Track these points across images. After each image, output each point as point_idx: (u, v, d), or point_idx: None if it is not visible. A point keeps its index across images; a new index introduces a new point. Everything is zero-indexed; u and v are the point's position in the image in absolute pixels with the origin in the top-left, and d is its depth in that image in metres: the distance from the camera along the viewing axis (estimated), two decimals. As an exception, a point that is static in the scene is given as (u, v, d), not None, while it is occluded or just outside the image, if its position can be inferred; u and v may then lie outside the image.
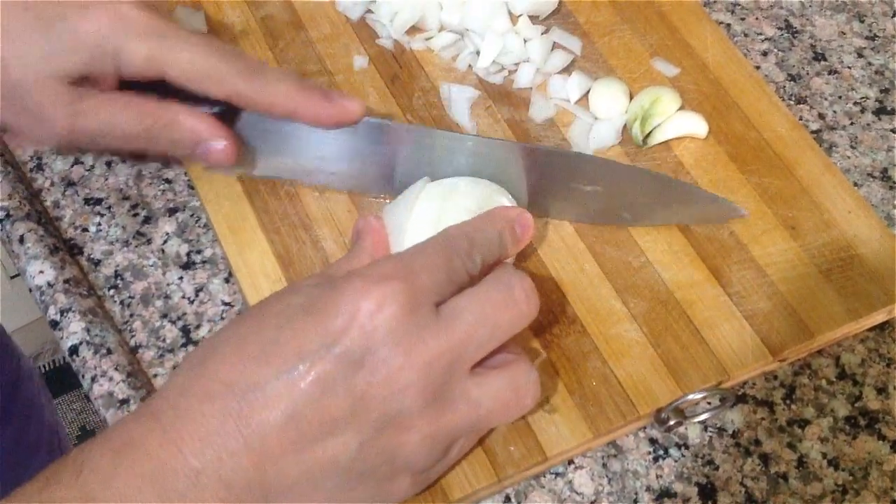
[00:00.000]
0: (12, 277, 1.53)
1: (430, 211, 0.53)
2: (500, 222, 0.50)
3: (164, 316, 0.56)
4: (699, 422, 0.53)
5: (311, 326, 0.43)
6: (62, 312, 0.54)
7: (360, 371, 0.42)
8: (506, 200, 0.55)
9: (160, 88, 0.53)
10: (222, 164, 0.55)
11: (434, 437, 0.45)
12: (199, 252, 0.58)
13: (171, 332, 0.55)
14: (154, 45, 0.51)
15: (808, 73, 0.67)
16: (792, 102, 0.66)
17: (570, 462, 0.52)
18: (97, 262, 0.58)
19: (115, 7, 0.51)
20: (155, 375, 0.54)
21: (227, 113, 0.55)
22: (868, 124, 0.65)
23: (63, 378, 1.72)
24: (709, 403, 0.54)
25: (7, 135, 0.59)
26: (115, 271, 0.57)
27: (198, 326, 0.56)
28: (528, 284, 0.47)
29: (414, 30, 0.65)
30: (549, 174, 0.56)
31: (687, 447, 0.53)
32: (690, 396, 0.52)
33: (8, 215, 0.57)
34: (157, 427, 0.42)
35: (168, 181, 0.60)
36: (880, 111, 0.65)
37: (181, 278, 0.57)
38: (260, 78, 0.52)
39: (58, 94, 0.51)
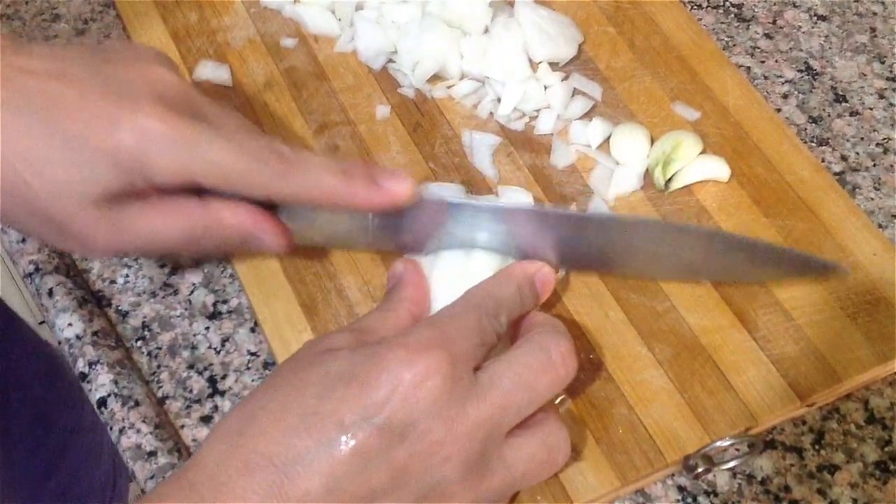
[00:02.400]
0: (40, 323, 1.55)
1: (454, 261, 0.53)
2: (520, 278, 0.50)
3: (191, 366, 0.56)
4: (728, 469, 0.53)
5: (352, 397, 0.42)
6: (90, 365, 0.55)
7: (402, 443, 0.42)
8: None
9: None
10: (276, 251, 0.54)
11: (472, 502, 0.45)
12: (224, 302, 0.59)
13: (197, 383, 0.56)
14: (181, 159, 0.47)
15: (829, 115, 0.67)
16: (814, 145, 0.66)
17: (598, 510, 0.52)
18: (125, 314, 0.58)
19: (138, 120, 0.47)
20: (182, 426, 0.54)
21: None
22: (891, 165, 0.65)
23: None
24: (737, 450, 0.53)
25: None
26: (143, 322, 0.58)
27: (224, 376, 0.56)
28: (564, 346, 0.47)
29: (435, 78, 0.66)
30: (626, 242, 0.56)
31: (716, 495, 0.53)
32: (718, 443, 0.52)
33: (37, 269, 0.58)
34: (196, 500, 0.41)
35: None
36: (903, 152, 0.66)
37: (208, 328, 0.58)
38: (296, 173, 0.49)
39: (95, 218, 0.48)
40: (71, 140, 0.46)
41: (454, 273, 0.53)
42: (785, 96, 0.68)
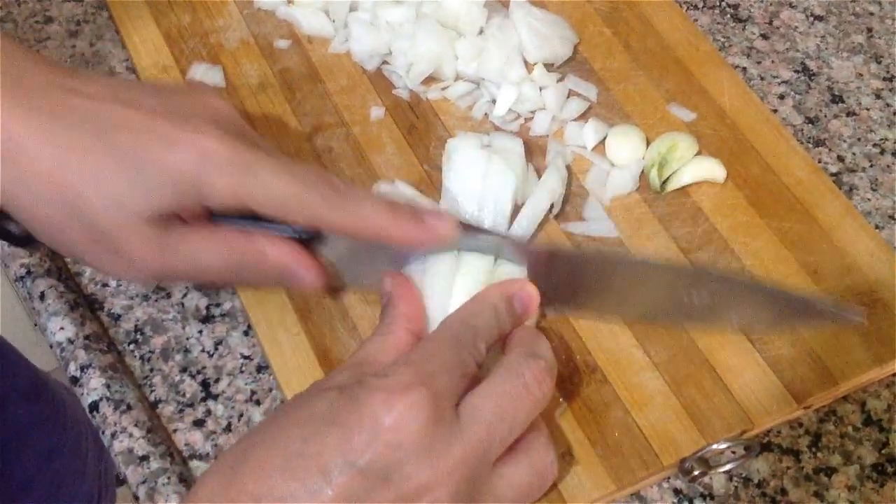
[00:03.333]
0: (35, 326, 1.54)
1: (444, 267, 0.53)
2: (496, 301, 0.50)
3: (184, 370, 0.56)
4: (724, 471, 0.53)
5: (333, 440, 0.42)
6: (82, 369, 0.54)
7: (386, 486, 0.42)
8: (513, 267, 0.54)
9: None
10: (311, 289, 0.54)
11: None
12: (217, 305, 0.58)
13: (190, 387, 0.55)
14: (237, 179, 0.48)
15: (825, 116, 0.67)
16: (810, 145, 0.66)
17: (594, 514, 0.52)
18: (117, 318, 0.58)
19: (198, 141, 0.47)
20: (175, 430, 0.54)
21: (314, 233, 0.52)
22: (888, 166, 0.65)
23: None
24: (733, 453, 0.53)
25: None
26: (135, 326, 0.58)
27: (217, 380, 0.56)
28: (536, 368, 0.47)
29: (430, 80, 0.66)
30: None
31: (712, 498, 0.52)
32: (714, 446, 0.51)
33: (28, 272, 0.58)
34: None
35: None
36: (900, 152, 0.65)
37: (200, 332, 0.57)
38: (345, 204, 0.50)
39: (147, 237, 0.48)
40: (130, 157, 0.47)
41: (446, 281, 0.52)
42: (781, 97, 0.68)
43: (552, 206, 0.59)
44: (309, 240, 0.52)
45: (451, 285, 0.51)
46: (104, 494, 1.01)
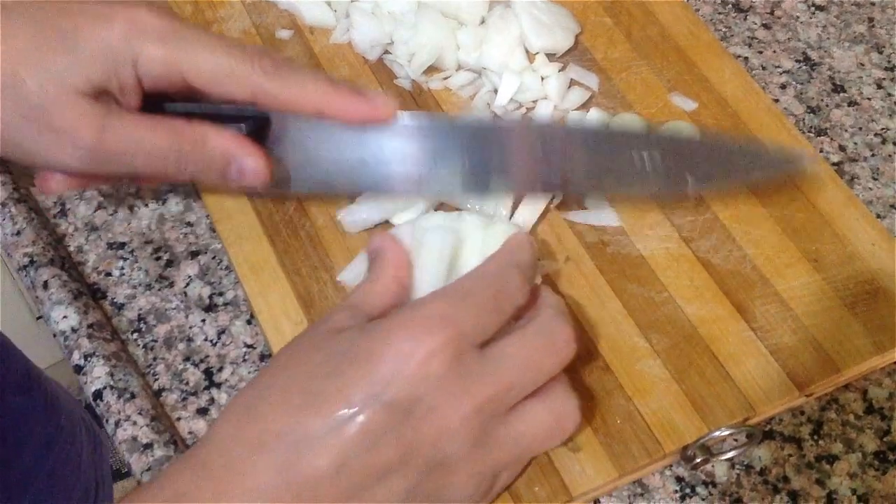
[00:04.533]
0: (38, 318, 1.54)
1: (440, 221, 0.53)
2: (529, 244, 0.50)
3: (187, 359, 0.56)
4: (726, 459, 0.53)
5: (357, 376, 0.42)
6: (86, 357, 0.55)
7: (409, 419, 0.42)
8: (506, 226, 0.54)
9: (188, 112, 0.52)
10: (256, 184, 0.53)
11: (481, 473, 0.45)
12: (221, 294, 0.58)
13: (193, 375, 0.56)
14: (171, 48, 0.50)
15: (827, 106, 0.67)
16: (812, 135, 0.66)
17: (596, 502, 0.52)
18: (120, 307, 0.58)
19: (130, 13, 0.49)
20: (178, 419, 0.54)
21: (257, 133, 0.53)
22: (889, 155, 0.65)
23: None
24: (735, 440, 0.53)
25: (35, 177, 0.57)
26: (139, 315, 0.58)
27: (220, 369, 0.56)
28: (567, 329, 0.47)
29: (432, 69, 0.66)
30: (604, 154, 0.55)
31: (714, 485, 0.53)
32: (717, 433, 0.52)
33: (32, 261, 0.58)
34: (208, 478, 0.41)
35: (190, 224, 0.61)
36: (901, 142, 0.65)
37: (204, 321, 0.57)
38: (286, 75, 0.51)
39: (83, 109, 0.49)
40: (63, 34, 0.49)
41: (438, 253, 0.52)
42: (783, 86, 0.68)
43: (553, 196, 0.59)
44: (253, 137, 0.52)
45: (443, 261, 0.51)
46: (101, 486, 1.01)
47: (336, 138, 0.54)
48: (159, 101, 0.52)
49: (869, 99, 0.68)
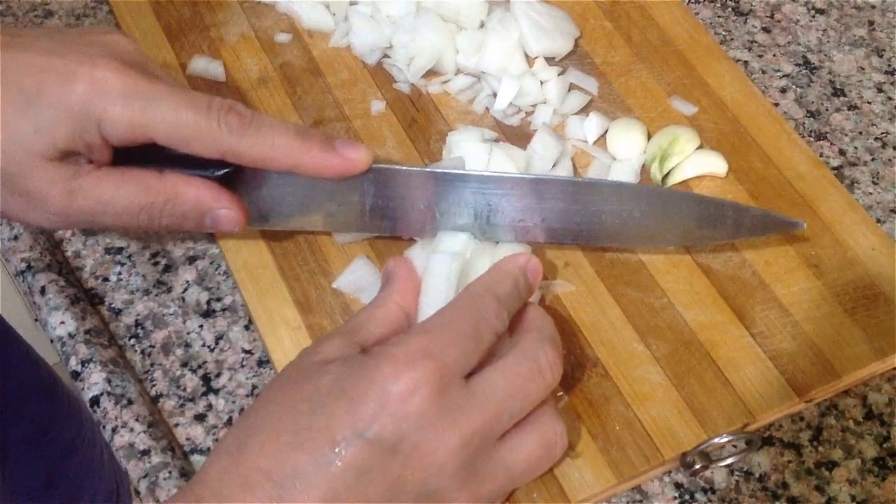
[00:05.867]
0: (36, 321, 1.54)
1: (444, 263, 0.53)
2: (514, 271, 0.50)
3: (185, 364, 0.56)
4: (725, 465, 0.53)
5: (342, 413, 0.43)
6: (83, 363, 0.54)
7: (395, 456, 0.42)
8: (514, 247, 0.54)
9: (160, 154, 0.51)
10: (233, 230, 0.53)
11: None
12: (218, 300, 0.58)
13: (191, 381, 0.55)
14: (136, 109, 0.48)
15: (827, 110, 0.67)
16: (812, 139, 0.65)
17: (595, 508, 0.52)
18: (118, 312, 0.58)
19: (93, 73, 0.48)
20: (176, 425, 0.54)
21: (231, 173, 0.52)
22: (890, 160, 0.64)
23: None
24: (734, 447, 0.53)
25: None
26: (136, 320, 0.58)
27: (218, 375, 0.56)
28: (551, 354, 0.47)
29: (431, 73, 0.66)
30: (578, 205, 0.55)
31: (713, 492, 0.52)
32: (716, 440, 0.51)
33: (29, 267, 0.58)
34: None
35: (188, 233, 0.60)
36: (902, 146, 0.65)
37: (201, 326, 0.57)
38: (253, 132, 0.49)
39: (50, 174, 0.49)
40: (27, 94, 0.48)
41: (446, 280, 0.52)
42: (783, 90, 0.68)
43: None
44: (225, 180, 0.51)
45: (450, 286, 0.51)
46: (121, 490, 1.02)
47: (307, 181, 0.53)
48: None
49: (869, 103, 0.67)
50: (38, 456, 0.90)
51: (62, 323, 0.56)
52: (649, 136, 0.62)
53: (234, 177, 0.52)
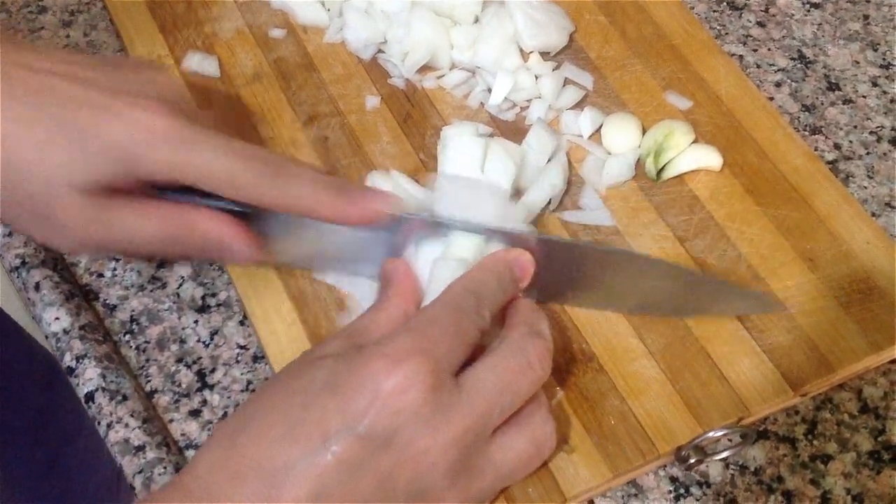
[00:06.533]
0: (32, 317, 1.54)
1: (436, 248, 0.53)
2: (499, 268, 0.50)
3: (180, 360, 0.56)
4: (720, 459, 0.53)
5: (333, 406, 0.43)
6: (78, 359, 0.54)
7: (386, 451, 0.42)
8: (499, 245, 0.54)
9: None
10: (246, 262, 0.54)
11: (465, 502, 0.45)
12: (213, 295, 0.58)
13: (186, 377, 0.55)
14: (174, 154, 0.48)
15: (822, 104, 0.67)
16: (807, 133, 0.65)
17: (590, 502, 0.52)
18: (113, 308, 0.58)
19: (136, 115, 0.48)
20: (171, 421, 0.54)
21: (252, 210, 0.52)
22: (885, 154, 0.64)
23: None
24: (730, 440, 0.53)
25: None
26: (131, 316, 0.57)
27: (213, 370, 0.56)
28: (540, 347, 0.47)
29: (425, 68, 0.65)
30: (576, 269, 0.55)
31: (709, 485, 0.52)
32: (711, 434, 0.51)
33: (24, 263, 0.58)
34: None
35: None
36: (896, 140, 0.65)
37: (196, 322, 0.57)
38: (285, 182, 0.50)
39: (79, 206, 0.48)
40: (68, 128, 0.47)
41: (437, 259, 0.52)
42: (778, 85, 0.68)
43: (550, 200, 0.59)
44: (246, 214, 0.52)
45: (442, 267, 0.51)
46: (122, 474, 1.02)
47: (325, 227, 0.53)
48: None
49: (864, 97, 0.67)
50: (38, 443, 0.90)
51: (57, 319, 0.56)
52: (644, 131, 0.62)
53: (253, 212, 0.52)
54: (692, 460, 0.52)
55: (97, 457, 0.97)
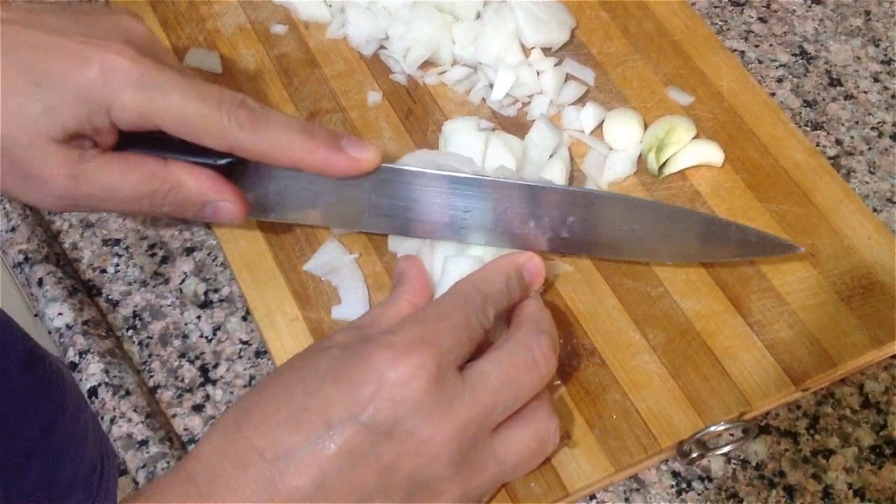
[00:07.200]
0: (35, 315, 1.54)
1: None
2: (508, 270, 0.50)
3: (183, 355, 0.56)
4: (722, 454, 0.53)
5: (338, 395, 0.43)
6: (81, 354, 0.55)
7: (389, 441, 0.43)
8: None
9: (164, 138, 0.50)
10: (232, 223, 0.53)
11: (464, 498, 0.45)
12: (216, 291, 0.58)
13: (189, 372, 0.55)
14: (146, 97, 0.48)
15: (823, 99, 0.67)
16: (808, 129, 0.65)
17: (592, 497, 0.52)
18: (115, 303, 0.58)
19: (105, 58, 0.47)
20: (174, 415, 0.54)
21: (234, 163, 0.52)
22: (886, 149, 0.64)
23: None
24: (731, 435, 0.53)
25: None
26: (134, 311, 0.58)
27: (216, 365, 0.56)
28: (546, 346, 0.47)
29: (427, 64, 0.65)
30: (584, 216, 0.55)
31: (710, 480, 0.53)
32: (713, 428, 0.51)
33: (27, 258, 0.58)
34: (193, 491, 0.42)
35: (185, 221, 0.60)
36: (898, 135, 0.65)
37: (199, 317, 0.57)
38: (262, 128, 0.49)
39: (56, 156, 0.48)
40: (38, 75, 0.47)
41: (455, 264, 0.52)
42: (779, 80, 0.68)
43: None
44: (230, 171, 0.51)
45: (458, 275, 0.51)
46: (106, 459, 1.02)
47: (309, 178, 0.53)
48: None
49: (865, 92, 0.67)
50: (19, 428, 0.90)
51: (60, 314, 0.56)
52: (646, 126, 0.62)
53: (236, 166, 0.52)
54: (694, 455, 0.52)
55: (80, 443, 0.97)
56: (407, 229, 0.56)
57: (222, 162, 0.51)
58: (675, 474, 0.53)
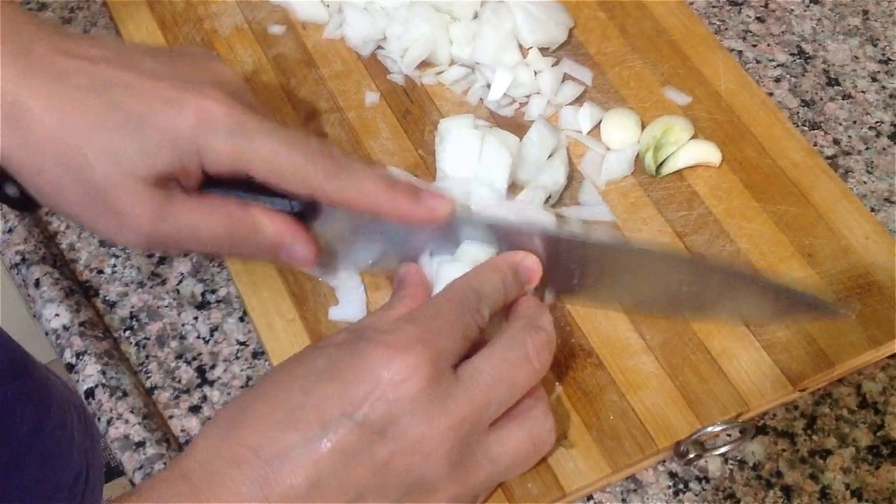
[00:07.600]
0: (34, 316, 1.54)
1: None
2: (504, 268, 0.50)
3: (180, 356, 0.56)
4: (719, 454, 0.53)
5: (333, 393, 0.43)
6: (78, 356, 0.55)
7: (383, 440, 0.43)
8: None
9: (239, 180, 0.50)
10: (303, 266, 0.54)
11: (458, 497, 0.45)
12: (213, 292, 0.58)
13: (186, 373, 0.55)
14: (237, 144, 0.48)
15: (821, 99, 0.67)
16: (806, 128, 0.65)
17: (590, 498, 0.52)
18: (112, 304, 0.58)
19: (200, 104, 0.47)
20: (170, 417, 0.54)
21: (310, 208, 0.52)
22: (884, 149, 0.64)
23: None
24: (729, 436, 0.53)
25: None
26: (131, 313, 0.58)
27: (213, 366, 0.56)
28: (539, 340, 0.47)
29: (425, 64, 0.65)
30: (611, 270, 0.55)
31: (707, 480, 0.53)
32: (710, 429, 0.51)
33: (24, 259, 0.58)
34: (187, 489, 0.42)
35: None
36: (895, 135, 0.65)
37: (196, 318, 0.57)
38: (344, 176, 0.50)
39: (144, 196, 0.48)
40: (131, 117, 0.47)
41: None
42: (777, 80, 0.68)
43: (549, 196, 0.59)
44: (304, 215, 0.52)
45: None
46: (91, 470, 1.01)
47: (386, 228, 0.53)
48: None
49: (863, 92, 0.67)
50: (4, 437, 0.90)
51: (57, 315, 0.56)
52: (643, 126, 0.62)
53: (312, 210, 0.52)
54: (691, 455, 0.52)
55: (65, 451, 0.97)
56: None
57: (298, 208, 0.51)
58: (673, 475, 0.53)
